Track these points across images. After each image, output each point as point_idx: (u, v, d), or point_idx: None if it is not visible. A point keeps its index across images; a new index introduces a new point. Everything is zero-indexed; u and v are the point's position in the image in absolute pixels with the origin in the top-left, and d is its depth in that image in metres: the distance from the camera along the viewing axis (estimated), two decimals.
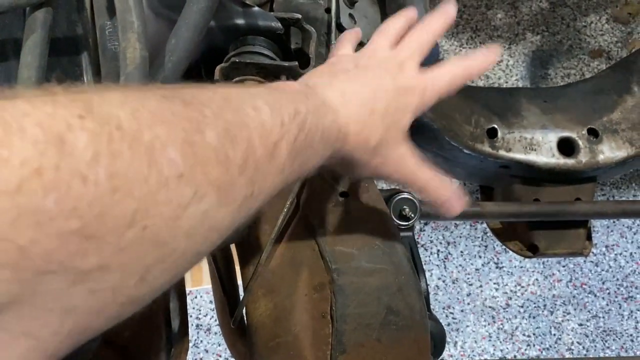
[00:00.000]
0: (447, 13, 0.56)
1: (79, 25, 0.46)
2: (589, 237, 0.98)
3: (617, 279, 1.52)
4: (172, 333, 0.60)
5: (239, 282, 0.70)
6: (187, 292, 1.49)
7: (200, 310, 1.47)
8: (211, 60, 0.61)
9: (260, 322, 0.57)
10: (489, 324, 1.48)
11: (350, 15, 0.72)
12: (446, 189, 0.52)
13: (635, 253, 1.54)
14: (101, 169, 0.21)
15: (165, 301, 0.58)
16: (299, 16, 0.60)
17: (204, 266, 1.50)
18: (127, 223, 0.22)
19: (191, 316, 1.47)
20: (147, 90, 0.27)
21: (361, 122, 0.44)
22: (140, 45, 0.39)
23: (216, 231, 0.28)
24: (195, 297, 1.48)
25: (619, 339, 1.47)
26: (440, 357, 0.81)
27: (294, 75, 0.58)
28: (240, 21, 0.59)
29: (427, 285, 0.87)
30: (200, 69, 0.64)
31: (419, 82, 0.51)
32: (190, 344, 1.44)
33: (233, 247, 0.66)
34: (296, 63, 0.58)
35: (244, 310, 0.61)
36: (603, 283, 1.52)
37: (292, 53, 0.62)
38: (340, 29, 0.70)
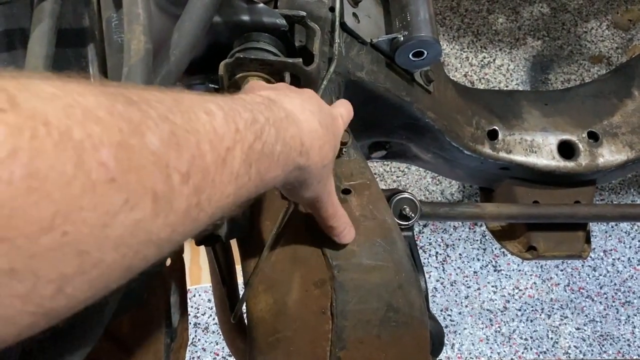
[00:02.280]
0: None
1: (86, 17, 0.46)
2: (587, 240, 0.99)
3: (615, 284, 1.52)
4: (172, 327, 0.60)
5: (239, 279, 0.70)
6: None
7: (198, 309, 1.47)
8: (216, 56, 0.61)
9: (260, 317, 0.57)
10: (486, 327, 1.49)
11: (354, 14, 0.73)
12: (347, 218, 0.56)
13: (633, 258, 1.55)
14: (17, 167, 0.20)
15: (165, 295, 0.58)
16: (304, 14, 0.61)
17: (203, 264, 1.50)
18: (43, 227, 0.21)
19: (189, 315, 1.46)
20: (88, 85, 0.25)
21: (321, 139, 0.44)
22: (145, 38, 0.39)
23: (152, 244, 0.26)
24: (194, 296, 1.48)
25: (616, 343, 1.47)
26: (438, 359, 0.81)
27: (298, 72, 0.59)
28: (245, 17, 0.59)
29: (426, 283, 0.87)
30: (204, 64, 0.64)
31: (339, 117, 0.53)
32: (188, 342, 1.44)
33: (234, 243, 0.66)
34: (300, 60, 0.58)
35: (243, 307, 0.61)
36: (601, 288, 1.52)
37: (296, 50, 0.62)
38: (344, 27, 0.71)
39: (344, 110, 0.57)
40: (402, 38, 0.74)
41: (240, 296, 0.66)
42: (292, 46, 0.62)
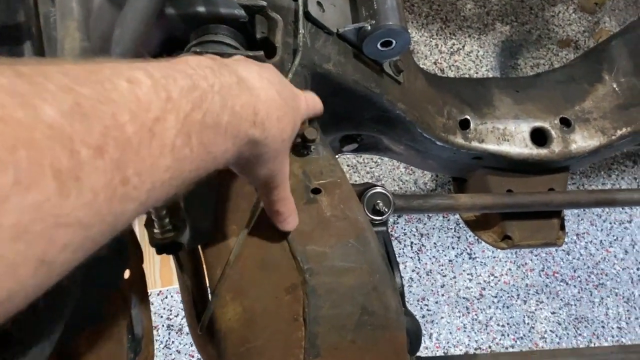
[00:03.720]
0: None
1: (21, 12, 0.42)
2: (562, 227, 0.98)
3: (588, 267, 1.53)
4: (135, 340, 0.57)
5: (208, 284, 0.67)
6: (158, 292, 1.45)
7: (171, 311, 1.43)
8: (172, 52, 0.58)
9: (229, 327, 0.54)
10: (463, 315, 1.48)
11: (318, 3, 0.69)
12: (293, 204, 0.53)
13: (604, 240, 1.56)
14: None
15: (126, 308, 0.54)
16: (264, 3, 0.57)
17: (174, 265, 1.45)
18: None
19: (162, 317, 1.42)
20: None
21: (280, 109, 0.41)
22: (80, 35, 0.35)
23: (71, 228, 0.23)
24: (166, 297, 1.44)
25: (591, 325, 1.48)
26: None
27: None
28: (201, 9, 0.55)
29: (402, 279, 0.85)
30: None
31: (302, 96, 0.50)
32: (162, 345, 1.40)
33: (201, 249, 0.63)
34: (262, 53, 0.54)
35: (212, 315, 0.58)
36: (574, 271, 1.53)
37: (257, 43, 0.59)
38: (308, 17, 0.67)
39: (309, 95, 0.54)
40: (369, 27, 0.71)
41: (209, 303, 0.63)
42: (253, 38, 0.59)
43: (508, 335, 1.47)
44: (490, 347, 1.45)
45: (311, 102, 0.54)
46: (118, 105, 0.26)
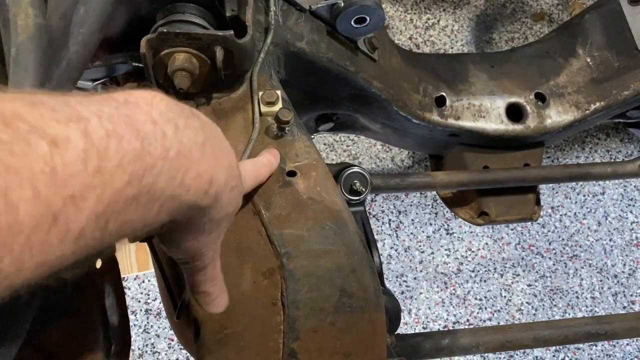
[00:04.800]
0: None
1: None
2: (537, 202, 0.99)
3: (563, 239, 1.56)
4: (110, 331, 0.56)
5: None
6: (134, 276, 1.43)
7: (149, 295, 1.42)
8: (138, 31, 0.55)
9: (207, 314, 0.54)
10: (441, 290, 1.50)
11: None
12: (223, 283, 0.45)
13: (578, 213, 1.58)
14: None
15: (99, 299, 0.53)
16: None
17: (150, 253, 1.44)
18: None
19: (139, 301, 1.41)
20: None
21: (236, 179, 0.36)
22: (34, 11, 0.32)
23: None
24: (143, 282, 1.42)
25: (565, 296, 1.51)
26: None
27: (230, 45, 0.53)
28: None
29: (380, 259, 0.85)
30: (125, 41, 0.58)
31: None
32: (141, 330, 1.39)
33: None
34: (232, 32, 0.53)
35: (189, 301, 0.57)
36: (549, 244, 1.56)
37: (227, 21, 0.57)
38: None
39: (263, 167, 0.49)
40: (342, 4, 0.69)
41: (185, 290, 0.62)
42: (223, 17, 0.57)
43: (486, 308, 1.49)
44: (468, 320, 1.47)
45: (263, 172, 0.49)
46: (20, 178, 0.21)
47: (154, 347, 1.37)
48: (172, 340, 1.38)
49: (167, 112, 0.29)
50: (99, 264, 0.54)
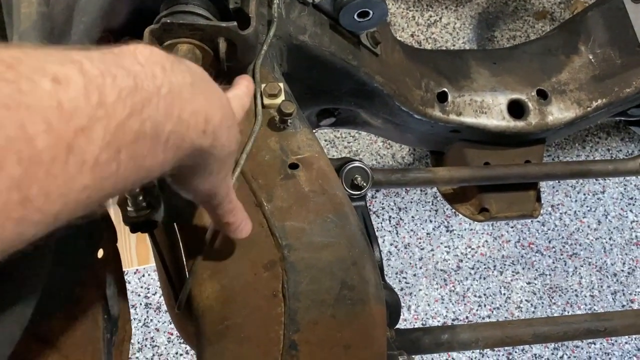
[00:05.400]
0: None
1: None
2: (538, 199, 0.99)
3: (563, 237, 1.56)
4: (111, 320, 0.56)
5: (185, 262, 0.66)
6: (134, 270, 1.43)
7: (149, 289, 1.42)
8: (141, 23, 0.55)
9: (207, 305, 0.54)
10: (441, 287, 1.50)
11: None
12: (244, 211, 0.48)
13: (578, 211, 1.59)
14: None
15: (100, 288, 0.53)
16: None
17: (150, 243, 1.44)
18: None
19: (139, 295, 1.41)
20: None
21: (231, 118, 0.37)
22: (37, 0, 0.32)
23: None
24: (143, 276, 1.42)
25: (564, 294, 1.51)
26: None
27: (233, 37, 0.53)
28: None
29: (380, 253, 0.85)
30: (129, 32, 0.58)
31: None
32: (140, 324, 1.39)
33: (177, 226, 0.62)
34: (235, 23, 0.53)
35: (190, 293, 0.57)
36: (549, 242, 1.56)
37: (230, 13, 0.57)
38: None
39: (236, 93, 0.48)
40: None
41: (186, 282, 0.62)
42: (226, 8, 0.57)
43: (485, 305, 1.49)
44: (467, 317, 1.47)
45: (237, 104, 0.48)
46: (31, 112, 0.22)
47: (153, 341, 1.37)
48: (172, 334, 1.38)
49: (152, 57, 0.30)
50: (100, 253, 0.54)
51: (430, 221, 1.55)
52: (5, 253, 0.23)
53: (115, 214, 0.59)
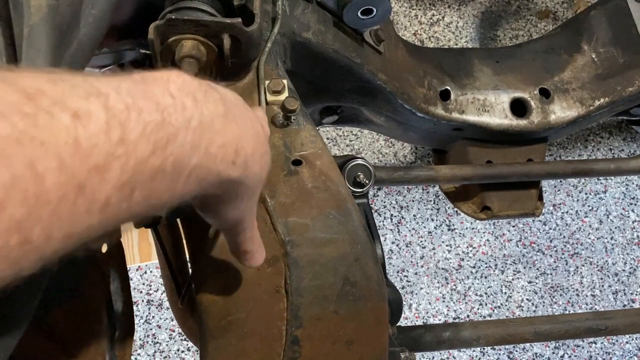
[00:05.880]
0: None
1: None
2: (540, 197, 0.99)
3: (564, 237, 1.56)
4: (114, 316, 0.56)
5: (188, 258, 0.66)
6: (136, 267, 1.44)
7: (150, 286, 1.42)
8: (147, 18, 0.55)
9: (210, 300, 0.54)
10: (442, 285, 1.50)
11: None
12: (259, 239, 0.47)
13: (580, 211, 1.59)
14: None
15: (104, 283, 0.53)
16: None
17: (153, 240, 1.45)
18: None
19: (141, 292, 1.42)
20: None
21: (264, 146, 0.36)
22: None
23: None
24: (145, 273, 1.43)
25: (565, 294, 1.51)
26: None
27: (237, 34, 0.54)
28: None
29: (383, 251, 0.85)
30: (134, 27, 0.58)
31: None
32: (142, 320, 1.39)
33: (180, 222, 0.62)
34: (239, 20, 0.53)
35: (193, 288, 0.57)
36: (551, 241, 1.56)
37: (234, 10, 0.57)
38: None
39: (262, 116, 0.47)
40: None
41: (189, 277, 0.62)
42: (231, 5, 0.57)
43: (486, 304, 1.49)
44: (468, 316, 1.47)
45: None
46: (45, 148, 0.21)
47: (155, 338, 1.38)
48: (174, 331, 1.38)
49: (184, 87, 0.29)
50: (104, 249, 0.54)
51: (432, 220, 1.55)
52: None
53: None
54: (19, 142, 0.20)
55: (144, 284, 1.42)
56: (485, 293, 1.50)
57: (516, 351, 1.46)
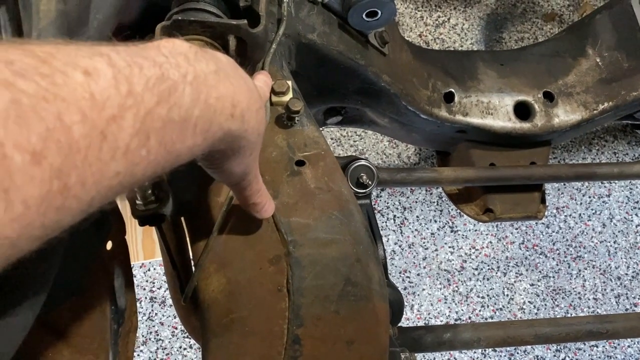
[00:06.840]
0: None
1: None
2: (543, 200, 0.99)
3: (567, 240, 1.56)
4: (118, 311, 0.57)
5: (192, 256, 0.67)
6: (140, 264, 1.44)
7: (154, 283, 1.43)
8: (152, 20, 0.56)
9: (213, 298, 0.54)
10: (444, 287, 1.51)
11: None
12: (266, 191, 0.51)
13: (583, 214, 1.59)
14: None
15: (108, 280, 0.54)
16: None
17: (157, 238, 1.45)
18: None
19: (144, 289, 1.42)
20: None
21: (258, 102, 0.38)
22: None
23: None
24: (148, 270, 1.44)
25: (568, 297, 1.51)
26: None
27: (243, 35, 0.54)
28: None
29: (384, 252, 0.86)
30: (140, 29, 0.59)
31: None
32: (145, 317, 1.40)
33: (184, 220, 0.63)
34: (245, 21, 0.53)
35: (196, 286, 0.58)
36: (553, 244, 1.56)
37: (240, 11, 0.58)
38: None
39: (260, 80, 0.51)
40: None
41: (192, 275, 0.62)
42: (237, 6, 0.57)
43: (488, 306, 1.49)
44: (470, 318, 1.48)
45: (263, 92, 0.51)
46: (67, 103, 0.23)
47: (157, 335, 1.39)
48: (176, 328, 1.39)
49: (175, 49, 0.32)
50: (109, 245, 0.55)
51: (435, 221, 1.56)
52: (44, 240, 0.24)
53: (123, 207, 0.59)
54: (45, 99, 0.22)
55: (147, 281, 1.43)
56: (487, 295, 1.50)
57: (517, 353, 1.46)
